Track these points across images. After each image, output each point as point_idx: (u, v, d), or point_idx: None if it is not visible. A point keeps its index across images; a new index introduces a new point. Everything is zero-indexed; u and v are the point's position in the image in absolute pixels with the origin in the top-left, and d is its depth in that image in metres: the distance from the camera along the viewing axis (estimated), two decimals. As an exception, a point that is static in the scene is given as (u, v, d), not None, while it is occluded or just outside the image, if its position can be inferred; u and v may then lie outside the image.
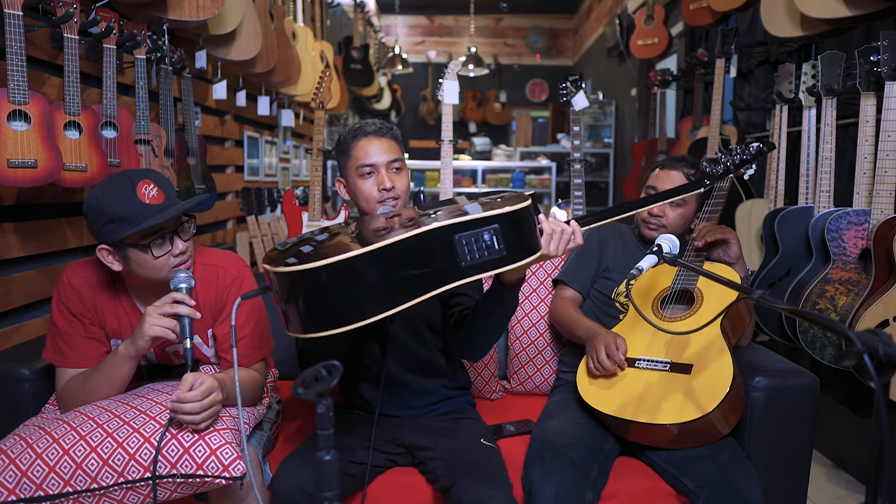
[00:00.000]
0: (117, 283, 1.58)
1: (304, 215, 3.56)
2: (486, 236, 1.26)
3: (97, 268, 1.57)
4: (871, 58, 2.19)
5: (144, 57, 2.32)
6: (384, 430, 1.67)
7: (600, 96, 7.58)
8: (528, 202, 1.30)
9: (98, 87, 2.12)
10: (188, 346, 1.42)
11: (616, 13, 6.68)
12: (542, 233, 1.39)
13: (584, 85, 3.05)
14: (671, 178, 1.96)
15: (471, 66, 7.44)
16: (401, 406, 1.73)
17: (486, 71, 7.79)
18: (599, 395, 1.70)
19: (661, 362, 1.69)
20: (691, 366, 1.65)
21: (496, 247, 1.26)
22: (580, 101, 2.99)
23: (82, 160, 1.96)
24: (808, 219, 2.51)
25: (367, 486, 1.56)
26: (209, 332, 1.63)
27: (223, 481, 1.36)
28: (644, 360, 1.71)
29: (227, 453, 1.36)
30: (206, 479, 1.35)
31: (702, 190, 1.65)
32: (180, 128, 2.83)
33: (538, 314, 2.16)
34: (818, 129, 2.63)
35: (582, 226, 1.44)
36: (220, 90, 3.23)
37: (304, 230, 3.54)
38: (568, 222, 1.42)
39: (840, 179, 2.65)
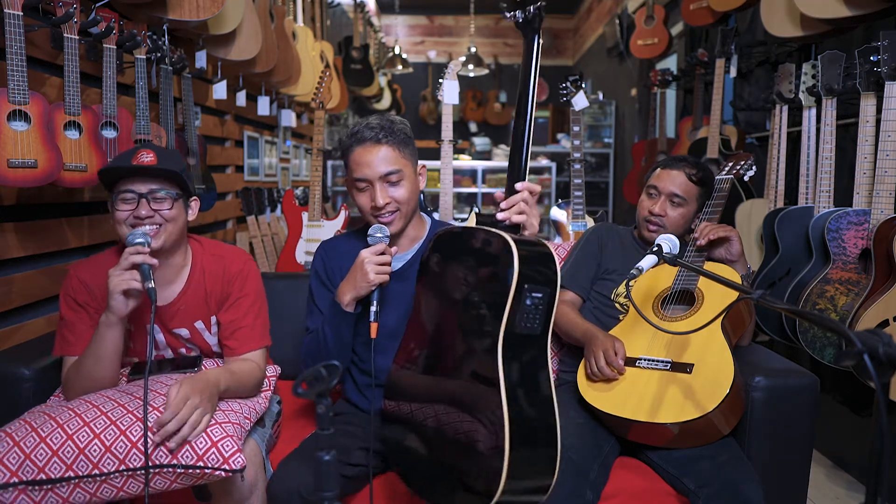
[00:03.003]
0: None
1: (304, 215, 3.56)
2: (528, 302, 1.29)
3: (102, 261, 1.63)
4: (871, 58, 2.19)
5: (144, 57, 2.32)
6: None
7: (600, 96, 7.58)
8: (514, 251, 1.27)
9: (98, 87, 2.12)
10: (151, 285, 1.43)
11: (616, 13, 6.69)
12: (523, 228, 1.39)
13: (584, 85, 3.05)
14: (672, 178, 1.97)
15: (471, 66, 7.44)
16: None
17: (486, 71, 7.79)
18: (600, 394, 1.70)
19: (662, 362, 1.69)
20: (692, 365, 1.65)
21: (542, 298, 1.30)
22: (580, 101, 2.99)
23: (82, 160, 1.96)
24: (808, 219, 2.51)
25: (371, 483, 1.56)
26: (212, 318, 1.68)
27: (223, 473, 1.36)
28: (645, 360, 1.71)
29: (227, 446, 1.37)
30: (206, 471, 1.36)
31: None
32: (180, 128, 2.83)
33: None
34: (818, 129, 2.62)
35: (517, 180, 1.42)
36: (220, 90, 3.23)
37: (304, 230, 3.54)
38: (513, 194, 1.41)
39: (840, 179, 2.65)
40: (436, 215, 2.99)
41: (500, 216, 1.38)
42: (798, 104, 2.82)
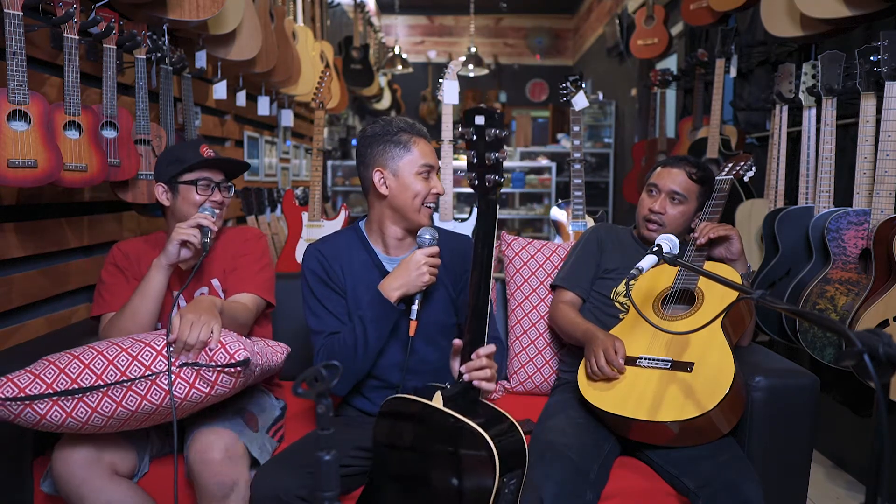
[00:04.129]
0: (160, 251, 1.75)
1: (304, 215, 3.56)
2: (507, 490, 1.31)
3: (144, 242, 1.88)
4: (871, 58, 2.19)
5: (144, 57, 2.32)
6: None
7: (600, 96, 7.58)
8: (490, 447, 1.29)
9: (98, 87, 2.12)
10: (207, 240, 1.70)
11: (616, 13, 6.69)
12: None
13: (584, 85, 3.05)
14: (672, 176, 1.97)
15: (471, 66, 7.45)
16: None
17: (486, 71, 7.80)
18: (600, 393, 1.70)
19: (663, 361, 1.69)
20: (692, 364, 1.65)
21: (516, 482, 1.33)
22: (580, 101, 2.99)
23: (82, 160, 1.96)
24: (808, 219, 2.51)
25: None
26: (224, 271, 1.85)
27: (232, 370, 1.50)
28: (645, 359, 1.71)
29: (233, 346, 1.52)
30: (218, 369, 1.49)
31: None
32: (180, 128, 2.83)
33: (538, 314, 2.16)
34: (818, 129, 2.62)
35: (478, 345, 1.43)
36: (220, 90, 3.23)
37: (304, 230, 3.54)
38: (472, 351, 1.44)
39: (840, 179, 2.65)
40: (436, 215, 3.00)
41: (465, 377, 1.41)
42: (798, 104, 2.82)
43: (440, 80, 3.03)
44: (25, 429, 1.46)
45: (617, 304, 1.97)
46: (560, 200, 3.11)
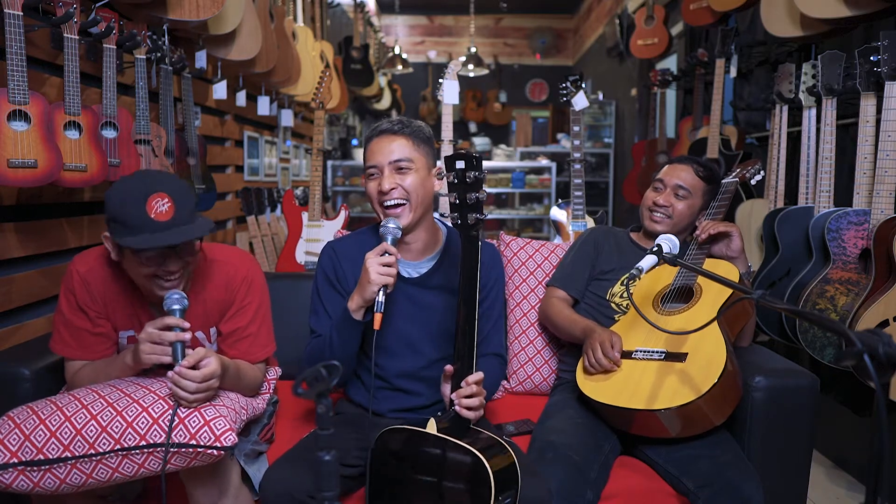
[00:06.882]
0: (124, 284, 1.58)
1: (304, 215, 3.56)
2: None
3: (105, 259, 1.57)
4: (871, 58, 2.19)
5: (144, 57, 2.32)
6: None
7: (600, 96, 7.58)
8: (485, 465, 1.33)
9: (98, 87, 2.12)
10: (177, 368, 1.41)
11: (616, 13, 6.69)
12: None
13: (584, 85, 3.05)
14: (678, 171, 1.99)
15: (471, 66, 7.44)
16: (409, 409, 1.72)
17: (486, 71, 7.79)
18: (597, 385, 1.70)
19: (657, 352, 1.70)
20: (686, 354, 1.66)
21: (509, 501, 1.36)
22: (580, 101, 2.99)
23: (82, 160, 1.96)
24: (808, 219, 2.51)
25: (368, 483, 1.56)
26: (212, 329, 1.64)
27: (214, 452, 1.37)
28: (641, 352, 1.72)
29: (220, 424, 1.39)
30: (199, 450, 1.37)
31: None
32: (180, 128, 2.83)
33: (537, 314, 2.16)
34: (818, 129, 2.62)
35: (468, 372, 1.47)
36: (220, 90, 3.23)
37: (304, 230, 3.54)
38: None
39: (840, 179, 2.65)
40: (435, 215, 2.99)
41: (456, 404, 1.45)
42: (798, 104, 2.82)
43: (440, 80, 3.03)
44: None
45: (613, 305, 1.97)
46: (560, 200, 3.11)
